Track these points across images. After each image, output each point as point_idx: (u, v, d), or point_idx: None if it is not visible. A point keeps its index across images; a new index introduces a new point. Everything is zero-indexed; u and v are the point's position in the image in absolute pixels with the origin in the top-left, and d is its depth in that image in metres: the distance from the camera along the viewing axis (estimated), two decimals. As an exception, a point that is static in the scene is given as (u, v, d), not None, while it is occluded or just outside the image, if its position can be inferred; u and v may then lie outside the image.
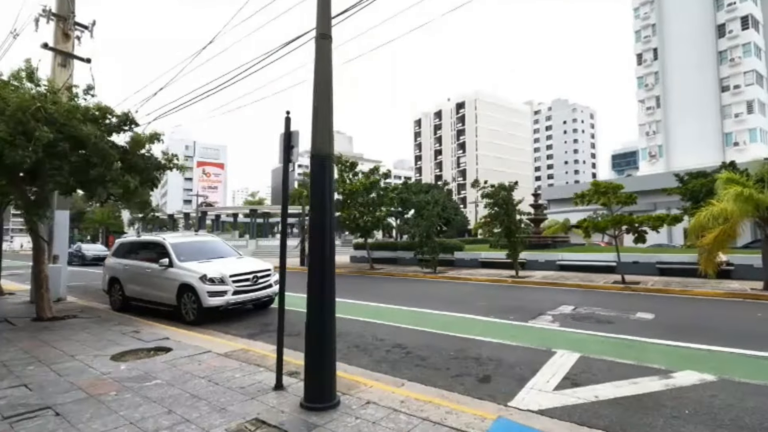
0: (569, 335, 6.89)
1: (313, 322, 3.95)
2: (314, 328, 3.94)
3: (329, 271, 4.00)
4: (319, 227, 4.01)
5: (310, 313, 3.98)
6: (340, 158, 20.59)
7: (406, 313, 9.05)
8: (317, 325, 3.94)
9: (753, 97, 41.20)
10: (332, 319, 4.00)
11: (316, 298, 3.97)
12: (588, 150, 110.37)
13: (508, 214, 16.19)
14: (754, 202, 11.98)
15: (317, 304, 3.97)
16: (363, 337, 6.86)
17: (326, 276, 3.97)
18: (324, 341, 3.91)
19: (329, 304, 3.99)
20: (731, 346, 6.06)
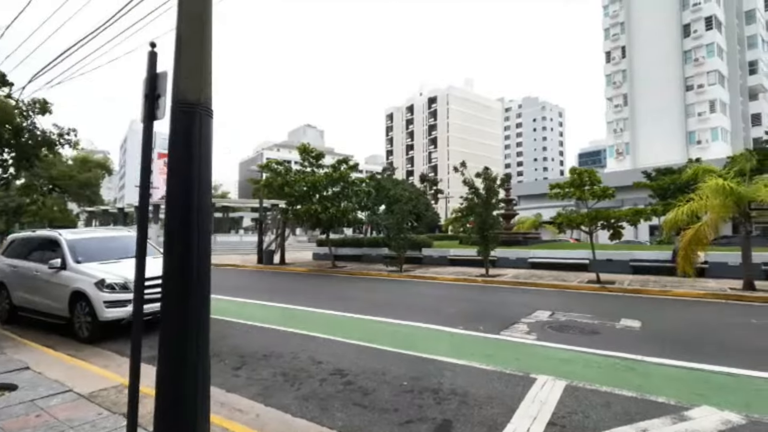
0: (550, 353, 5.68)
1: (168, 352, 2.50)
2: (169, 362, 2.49)
3: (201, 274, 2.58)
4: (181, 210, 2.55)
5: (164, 340, 2.52)
6: (305, 148, 18.97)
7: (358, 324, 7.66)
8: (176, 356, 2.49)
9: (715, 96, 42.09)
10: (202, 344, 2.56)
11: (174, 316, 2.52)
12: (556, 148, 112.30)
13: (487, 206, 15.07)
14: (735, 196, 11.28)
15: (177, 324, 2.52)
16: (296, 359, 5.41)
17: (192, 283, 2.53)
18: (186, 380, 2.47)
19: (198, 323, 2.55)
20: (742, 365, 4.99)
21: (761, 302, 9.80)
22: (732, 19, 46.47)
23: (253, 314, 8.45)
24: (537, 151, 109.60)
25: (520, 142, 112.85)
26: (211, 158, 2.70)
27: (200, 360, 2.54)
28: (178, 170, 2.58)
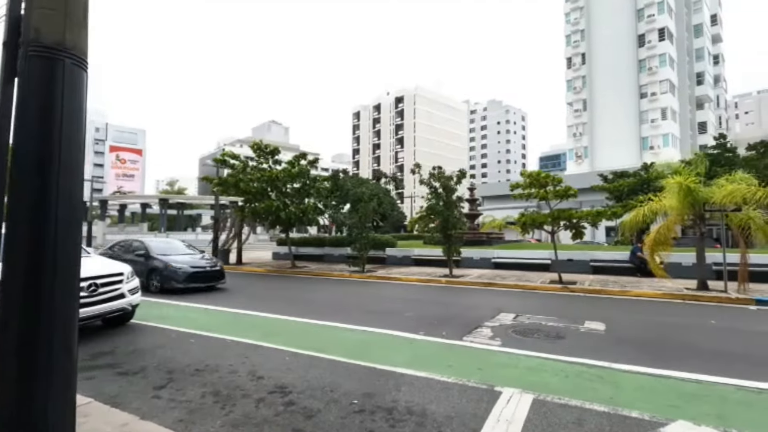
0: (515, 360, 5.29)
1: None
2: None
3: (64, 262, 1.89)
4: (32, 192, 1.87)
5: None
6: (259, 145, 17.99)
7: (312, 331, 7.03)
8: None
9: (667, 104, 44.22)
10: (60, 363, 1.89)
11: (20, 316, 1.84)
12: (519, 150, 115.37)
13: (448, 205, 14.75)
14: (692, 197, 11.48)
15: (21, 331, 1.84)
16: (234, 374, 4.73)
17: (46, 276, 1.85)
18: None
19: (53, 333, 1.87)
20: (708, 371, 4.79)
21: (715, 302, 9.97)
22: (682, 32, 49.07)
23: (195, 321, 7.64)
24: (501, 154, 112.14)
25: (485, 144, 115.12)
26: (82, 131, 2.02)
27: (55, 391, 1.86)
28: (29, 150, 1.88)
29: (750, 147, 28.18)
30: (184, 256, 11.76)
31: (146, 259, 11.23)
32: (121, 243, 12.72)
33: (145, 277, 10.69)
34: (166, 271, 10.84)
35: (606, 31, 48.28)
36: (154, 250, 11.57)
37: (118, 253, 11.57)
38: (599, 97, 48.31)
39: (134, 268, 9.50)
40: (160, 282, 10.82)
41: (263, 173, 17.09)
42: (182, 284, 10.62)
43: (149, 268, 11.05)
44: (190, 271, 10.89)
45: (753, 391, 4.26)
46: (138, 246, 12.00)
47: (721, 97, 55.80)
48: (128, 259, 10.33)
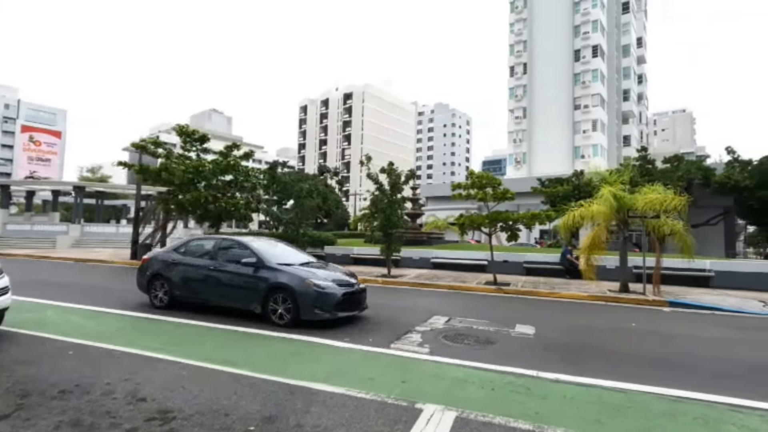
0: (442, 371, 4.93)
1: None
2: None
3: None
4: None
5: None
6: (184, 130, 16.52)
7: (224, 339, 6.26)
8: None
9: (597, 117, 47.40)
10: None
11: None
12: (463, 154, 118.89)
13: (392, 203, 14.38)
14: (620, 203, 11.99)
15: None
16: (108, 396, 3.91)
17: None
18: None
19: None
20: (630, 378, 4.72)
21: (635, 304, 10.45)
22: (612, 50, 52.85)
23: (81, 327, 6.56)
24: (446, 156, 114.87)
25: (431, 146, 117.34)
26: None
27: None
28: None
29: (666, 160, 30.75)
30: (318, 269, 7.60)
31: (257, 271, 7.24)
32: (196, 242, 8.60)
33: (261, 300, 7.02)
34: (305, 292, 6.80)
35: (546, 43, 50.79)
36: (270, 256, 7.58)
37: (188, 259, 8.04)
38: (538, 106, 50.76)
39: (228, 281, 7.43)
40: (295, 309, 6.76)
41: (190, 162, 15.68)
42: (331, 313, 6.84)
43: (269, 285, 7.02)
44: (341, 292, 7.01)
45: (672, 399, 4.20)
46: (237, 249, 7.86)
47: (643, 113, 60.94)
48: (218, 270, 7.57)
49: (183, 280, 7.88)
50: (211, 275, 7.60)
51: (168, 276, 8.00)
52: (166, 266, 8.11)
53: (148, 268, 8.40)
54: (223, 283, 7.51)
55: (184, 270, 7.90)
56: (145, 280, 8.33)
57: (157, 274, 8.15)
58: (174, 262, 8.08)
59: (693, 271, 13.88)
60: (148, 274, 8.30)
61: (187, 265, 7.94)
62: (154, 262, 8.43)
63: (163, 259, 8.33)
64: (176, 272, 7.96)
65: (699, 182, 27.00)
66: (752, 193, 25.04)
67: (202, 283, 7.69)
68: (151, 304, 8.09)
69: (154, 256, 8.66)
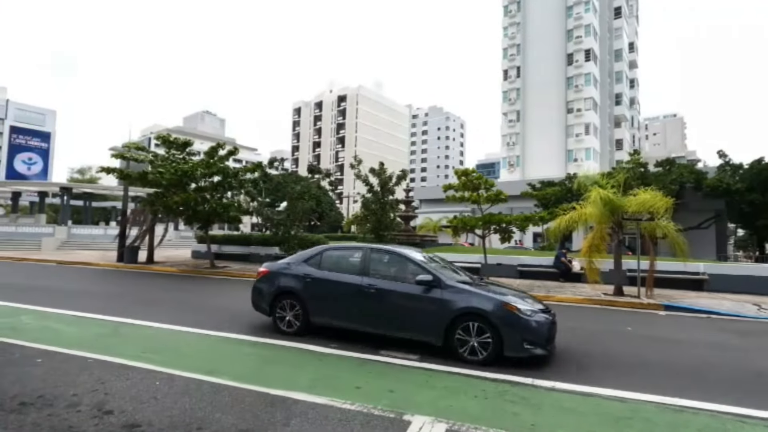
0: (433, 379, 4.70)
1: None
2: None
3: None
4: None
5: None
6: (166, 138, 16.19)
7: (206, 345, 5.99)
8: None
9: (590, 120, 47.61)
10: None
11: None
12: (458, 157, 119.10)
13: (383, 205, 14.19)
14: (611, 206, 11.89)
15: None
16: (73, 408, 3.63)
17: None
18: None
19: None
20: (628, 386, 4.53)
21: (629, 307, 10.30)
22: (605, 55, 53.21)
23: (57, 334, 6.25)
24: (440, 159, 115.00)
25: (425, 149, 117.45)
26: None
27: None
28: None
29: (658, 164, 30.89)
30: (498, 289, 6.06)
31: (429, 291, 5.63)
32: (335, 252, 6.86)
33: (443, 329, 5.43)
34: (509, 320, 5.24)
35: (540, 47, 51.03)
36: (443, 272, 6.04)
37: (331, 275, 6.39)
38: (531, 110, 50.91)
39: (392, 304, 5.80)
40: (496, 342, 5.19)
41: (177, 164, 15.33)
42: (545, 348, 5.33)
43: (455, 311, 5.41)
44: (549, 321, 5.56)
45: (675, 409, 4.00)
46: (396, 263, 6.29)
47: (635, 117, 61.37)
48: (375, 289, 5.92)
49: (325, 300, 6.31)
50: (365, 296, 5.95)
51: (302, 295, 6.39)
52: (299, 282, 6.48)
53: (270, 283, 6.76)
54: (384, 306, 5.88)
55: (327, 288, 6.31)
56: (268, 298, 6.66)
57: (287, 291, 6.54)
58: (310, 278, 6.44)
59: (687, 274, 13.80)
60: (271, 291, 6.68)
61: (331, 282, 6.31)
62: (278, 276, 6.74)
63: (294, 273, 6.62)
64: (315, 290, 6.36)
65: (691, 186, 27.14)
66: (743, 197, 25.20)
67: (352, 306, 6.07)
68: (276, 328, 6.51)
69: (277, 270, 6.86)
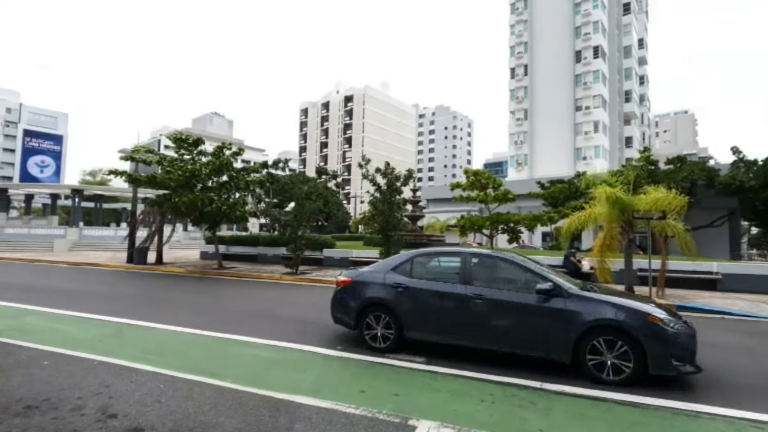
0: (439, 382, 4.62)
1: None
2: None
3: None
4: None
5: None
6: (178, 137, 16.29)
7: (211, 347, 5.97)
8: None
9: (599, 118, 47.08)
10: None
11: None
12: (465, 156, 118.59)
13: (390, 205, 14.13)
14: (621, 205, 11.70)
15: None
16: (77, 411, 3.63)
17: None
18: None
19: None
20: (642, 390, 4.41)
21: (641, 308, 10.09)
22: (614, 51, 52.58)
23: (65, 335, 6.29)
24: (447, 158, 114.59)
25: (432, 148, 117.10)
26: None
27: None
28: None
29: (668, 161, 30.41)
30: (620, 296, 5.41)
31: (549, 300, 5.03)
32: (428, 258, 6.29)
33: (571, 344, 4.82)
34: (653, 333, 4.64)
35: (547, 44, 50.58)
36: (562, 279, 5.43)
37: (429, 285, 5.76)
38: (539, 108, 50.49)
39: (507, 317, 5.18)
40: (639, 359, 4.58)
41: (184, 165, 15.43)
42: (695, 366, 4.67)
43: (586, 323, 4.81)
44: (692, 332, 4.89)
45: (690, 415, 3.88)
46: (504, 269, 5.79)
47: (645, 115, 60.55)
48: (483, 299, 5.29)
49: (421, 312, 5.66)
50: (471, 307, 5.34)
51: (395, 307, 5.73)
52: (390, 293, 5.82)
53: (355, 294, 6.12)
54: (495, 319, 5.28)
55: (423, 299, 5.68)
56: (354, 310, 6.02)
57: (376, 303, 5.88)
58: (403, 288, 5.77)
59: (700, 274, 13.54)
60: (357, 302, 6.02)
61: (427, 292, 5.68)
62: (365, 286, 6.08)
63: (382, 282, 5.94)
64: (409, 302, 5.71)
65: (703, 183, 26.64)
66: (757, 194, 24.66)
67: (455, 319, 5.45)
68: (366, 343, 5.82)
69: (363, 279, 6.20)
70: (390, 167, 14.45)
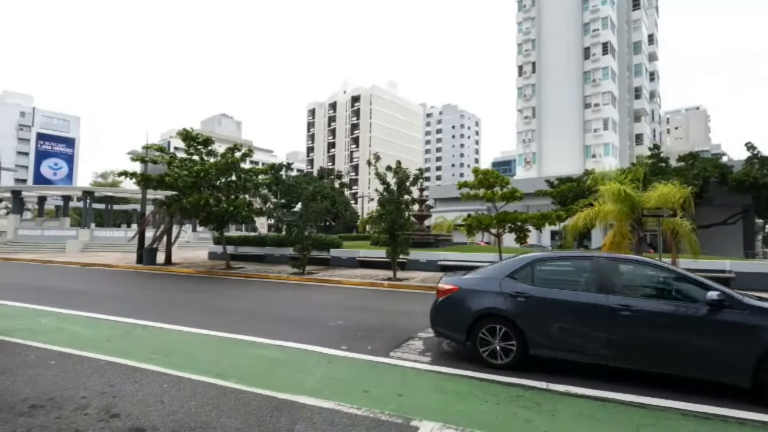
0: (444, 382, 4.57)
1: None
2: None
3: None
4: None
5: None
6: (188, 134, 16.41)
7: (216, 347, 5.99)
8: None
9: (608, 115, 46.51)
10: None
11: None
12: (472, 155, 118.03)
13: (398, 204, 14.08)
14: (630, 202, 11.55)
15: None
16: (81, 410, 3.65)
17: None
18: None
19: None
20: (650, 391, 4.32)
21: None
22: (623, 47, 51.90)
23: (76, 335, 6.35)
24: (455, 157, 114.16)
25: (440, 147, 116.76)
26: None
27: None
28: None
29: (680, 158, 29.95)
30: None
31: (717, 313, 4.39)
32: (552, 263, 5.61)
33: (752, 364, 4.15)
34: None
35: (555, 41, 50.11)
36: (728, 289, 4.69)
37: (562, 294, 5.00)
38: (547, 105, 50.04)
39: (666, 331, 4.46)
40: None
41: (193, 165, 15.54)
42: None
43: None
44: None
45: (701, 417, 3.79)
46: (647, 275, 5.28)
47: (656, 111, 59.69)
48: (633, 311, 4.58)
49: (552, 326, 4.93)
50: (616, 321, 4.61)
51: (517, 319, 5.02)
52: (510, 303, 5.10)
53: (464, 303, 5.39)
54: (648, 334, 4.54)
55: (553, 310, 4.95)
56: (464, 322, 5.28)
57: (492, 314, 5.17)
58: (525, 297, 5.06)
59: (712, 273, 13.28)
60: (469, 313, 5.28)
61: (558, 303, 4.93)
62: (476, 295, 5.37)
63: (497, 291, 5.24)
64: (534, 313, 5.01)
65: (716, 180, 26.20)
66: (772, 191, 24.19)
67: (596, 334, 4.72)
68: (482, 359, 5.12)
69: (471, 288, 5.48)
70: (400, 166, 14.41)
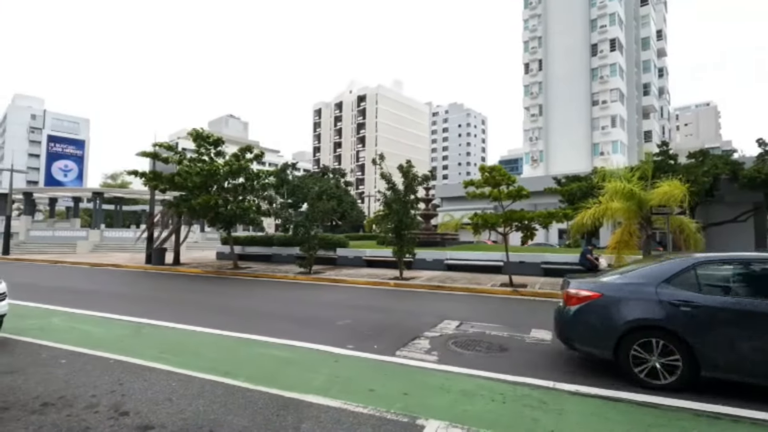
0: (449, 382, 4.56)
1: None
2: None
3: None
4: None
5: None
6: (199, 134, 16.54)
7: (225, 346, 6.03)
8: None
9: (616, 112, 46.07)
10: None
11: None
12: (479, 154, 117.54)
13: (404, 204, 14.08)
14: (637, 199, 11.42)
15: None
16: (91, 408, 3.70)
17: None
18: None
19: None
20: (666, 392, 4.27)
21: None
22: (631, 44, 51.36)
23: (85, 335, 6.43)
24: (461, 156, 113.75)
25: (446, 146, 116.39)
26: None
27: None
28: None
29: (690, 155, 29.56)
30: None
31: None
32: (723, 267, 4.70)
33: None
34: None
35: (562, 39, 49.72)
36: None
37: (743, 303, 4.19)
38: (554, 103, 49.67)
39: None
40: None
41: (203, 166, 15.65)
42: None
43: None
44: None
45: (711, 416, 3.74)
46: None
47: (665, 108, 59.00)
48: None
49: (733, 342, 4.17)
50: None
51: (682, 333, 4.31)
52: (671, 313, 4.38)
53: (609, 313, 4.69)
54: None
55: (732, 323, 4.20)
56: (610, 336, 4.59)
57: (649, 326, 4.47)
58: (692, 307, 4.31)
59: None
60: (617, 325, 4.58)
61: (738, 314, 4.18)
62: (625, 303, 4.64)
63: (653, 299, 4.51)
64: (709, 327, 4.25)
65: (726, 177, 25.83)
66: (785, 188, 23.80)
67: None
68: (635, 378, 4.43)
69: (618, 295, 4.74)
70: (410, 165, 14.41)
